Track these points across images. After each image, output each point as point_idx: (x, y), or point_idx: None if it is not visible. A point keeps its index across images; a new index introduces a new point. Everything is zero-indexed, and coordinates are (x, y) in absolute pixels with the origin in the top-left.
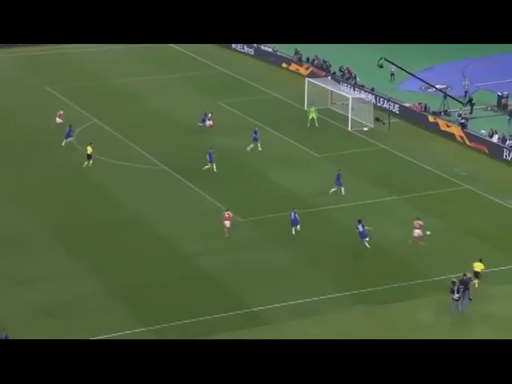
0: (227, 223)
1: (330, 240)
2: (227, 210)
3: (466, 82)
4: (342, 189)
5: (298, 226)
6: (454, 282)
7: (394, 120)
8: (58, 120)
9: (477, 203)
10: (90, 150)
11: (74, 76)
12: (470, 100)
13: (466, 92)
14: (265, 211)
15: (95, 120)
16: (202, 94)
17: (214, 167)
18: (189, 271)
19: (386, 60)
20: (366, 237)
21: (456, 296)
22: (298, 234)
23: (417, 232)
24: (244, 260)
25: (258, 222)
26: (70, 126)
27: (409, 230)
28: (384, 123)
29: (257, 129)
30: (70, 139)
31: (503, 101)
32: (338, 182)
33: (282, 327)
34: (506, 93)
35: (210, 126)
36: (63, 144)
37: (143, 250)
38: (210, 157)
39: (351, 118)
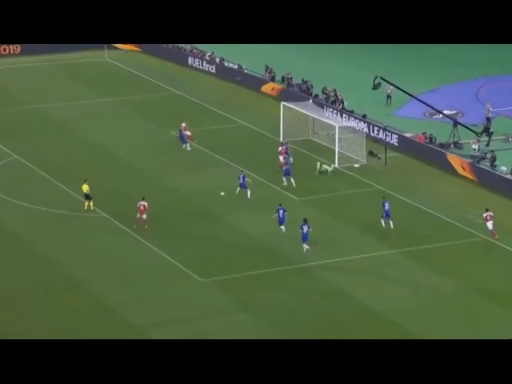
0: (143, 216)
1: (312, 303)
2: (143, 199)
3: (488, 105)
4: (390, 222)
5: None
6: None
7: (391, 154)
8: (187, 133)
9: (495, 258)
10: (86, 188)
11: None
12: (487, 129)
13: (488, 119)
14: (231, 269)
15: (15, 156)
16: (151, 123)
17: (248, 193)
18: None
19: (383, 79)
20: (306, 240)
21: None
22: (267, 298)
23: (489, 224)
24: (204, 330)
25: (222, 283)
26: (180, 130)
27: (409, 291)
28: (379, 158)
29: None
30: (188, 143)
31: None
32: (387, 214)
33: None
34: None
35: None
36: (188, 148)
37: (79, 321)
38: (243, 181)
39: (338, 152)
